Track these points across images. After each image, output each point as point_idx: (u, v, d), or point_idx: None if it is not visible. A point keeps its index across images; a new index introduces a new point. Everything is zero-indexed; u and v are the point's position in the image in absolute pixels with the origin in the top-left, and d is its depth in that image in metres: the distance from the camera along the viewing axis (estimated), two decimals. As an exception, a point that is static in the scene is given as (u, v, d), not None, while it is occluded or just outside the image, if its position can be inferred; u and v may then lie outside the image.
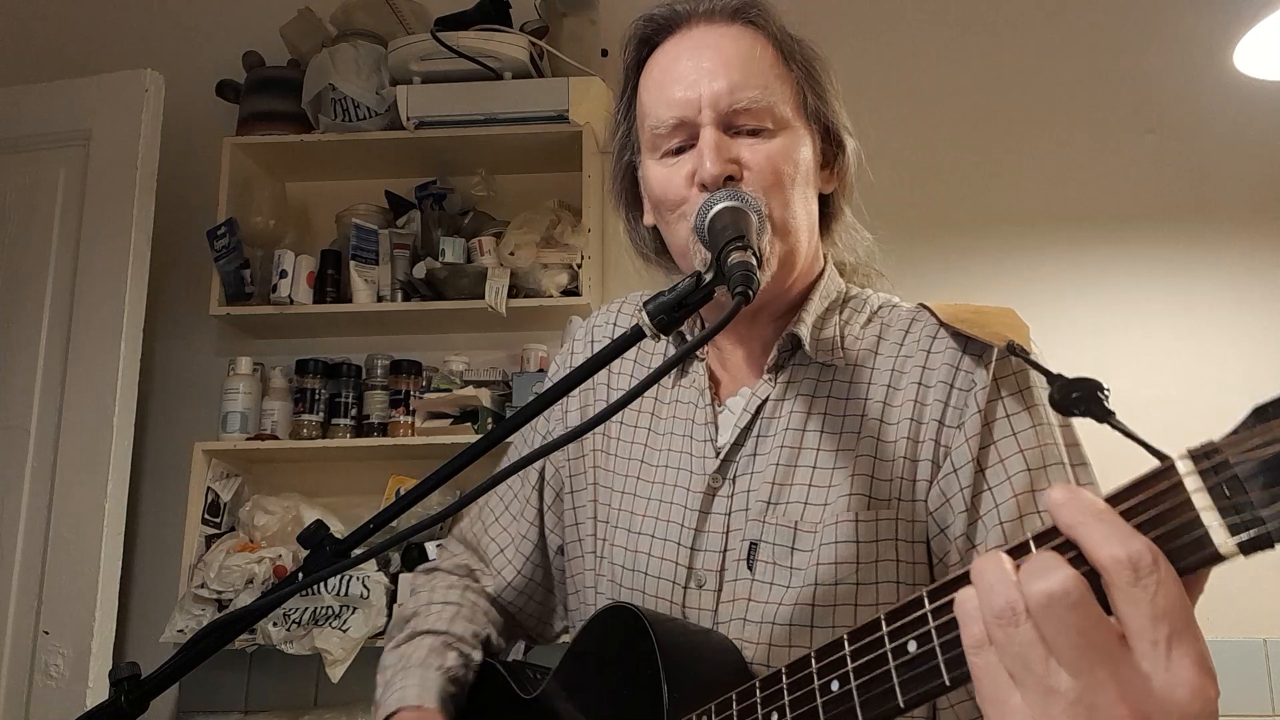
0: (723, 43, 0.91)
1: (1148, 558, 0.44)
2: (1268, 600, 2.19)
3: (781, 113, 0.91)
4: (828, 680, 0.59)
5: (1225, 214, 2.42)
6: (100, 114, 2.30)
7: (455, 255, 2.31)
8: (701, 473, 0.92)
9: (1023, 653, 0.46)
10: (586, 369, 0.77)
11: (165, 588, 2.33)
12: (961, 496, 0.82)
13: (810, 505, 0.85)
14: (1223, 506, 0.43)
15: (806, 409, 0.90)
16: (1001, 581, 0.47)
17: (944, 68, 2.56)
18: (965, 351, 0.86)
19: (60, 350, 2.21)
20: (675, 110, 0.89)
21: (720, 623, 0.86)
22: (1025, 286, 2.43)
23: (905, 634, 0.54)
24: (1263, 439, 0.42)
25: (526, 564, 1.06)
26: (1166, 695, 0.44)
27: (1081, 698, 0.45)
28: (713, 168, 0.86)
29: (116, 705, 0.76)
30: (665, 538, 0.91)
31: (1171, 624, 0.44)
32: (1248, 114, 2.42)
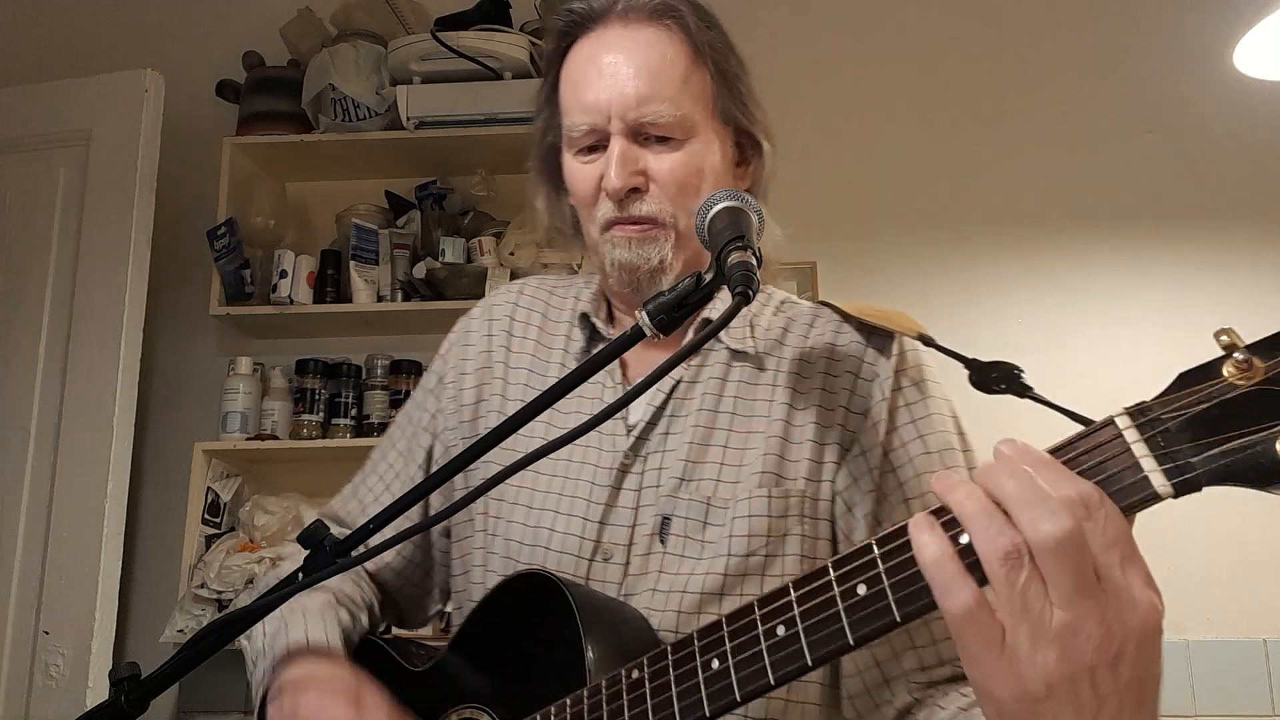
0: (635, 48, 0.92)
1: (1094, 495, 0.50)
2: (1268, 600, 2.20)
3: (690, 121, 0.93)
4: (773, 625, 0.62)
5: (1225, 214, 2.42)
6: (100, 114, 2.30)
7: (455, 255, 2.31)
8: (612, 450, 0.93)
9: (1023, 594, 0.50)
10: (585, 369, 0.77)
11: (165, 588, 2.34)
12: (870, 478, 0.88)
13: (722, 482, 0.89)
14: (1158, 455, 0.50)
15: (719, 392, 0.94)
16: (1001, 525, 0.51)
17: (944, 67, 2.56)
18: (869, 345, 0.92)
19: (60, 350, 2.21)
20: (587, 116, 0.92)
21: (629, 594, 0.88)
22: (1025, 286, 2.43)
23: (854, 578, 0.58)
24: (1189, 399, 0.50)
25: (408, 545, 1.04)
26: (1127, 611, 0.49)
27: (1069, 626, 0.49)
28: (616, 181, 0.90)
29: (116, 705, 0.76)
30: (570, 513, 0.92)
31: (1122, 550, 0.50)
32: (1248, 114, 2.42)
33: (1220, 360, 0.50)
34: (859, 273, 2.47)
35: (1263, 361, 0.48)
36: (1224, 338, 0.50)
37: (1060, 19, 2.56)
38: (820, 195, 2.50)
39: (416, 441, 1.06)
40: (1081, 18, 2.55)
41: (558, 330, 1.05)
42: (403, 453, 1.07)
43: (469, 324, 1.09)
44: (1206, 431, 0.49)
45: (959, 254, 2.46)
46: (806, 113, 2.56)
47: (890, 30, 2.60)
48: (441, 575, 1.07)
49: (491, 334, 1.06)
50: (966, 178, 2.51)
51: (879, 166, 2.53)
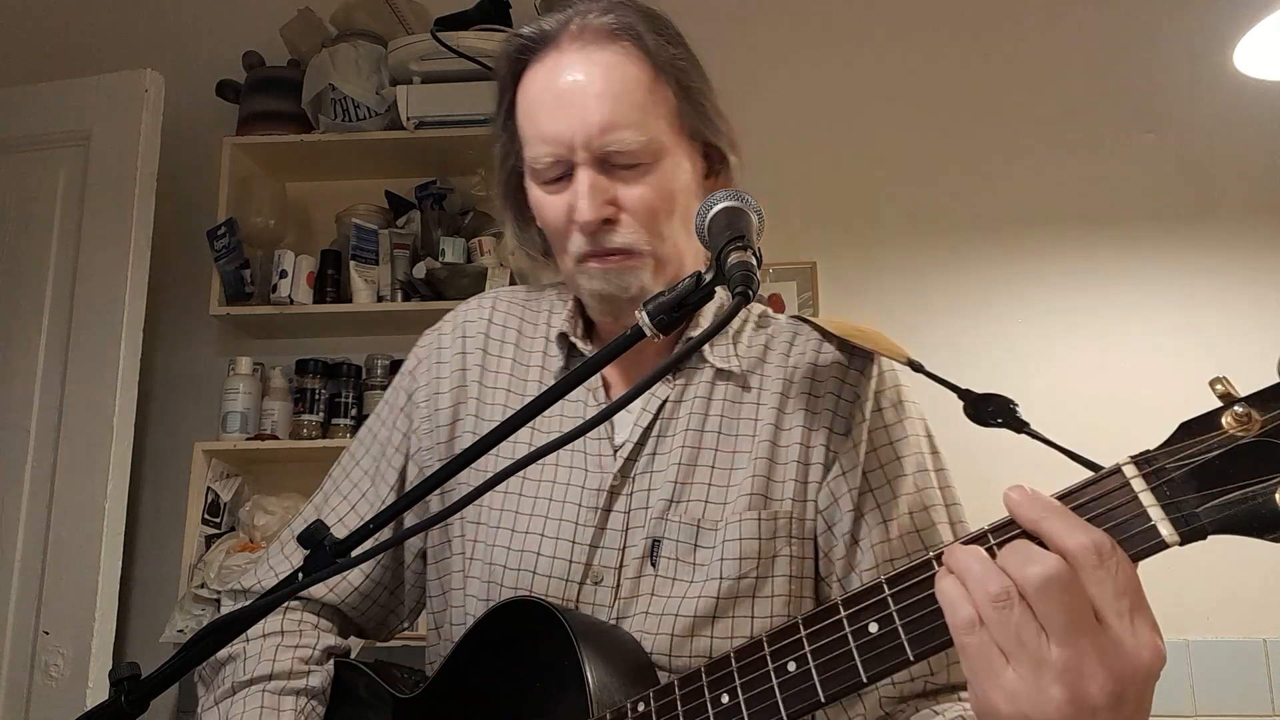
0: (594, 71, 0.89)
1: (1107, 544, 0.52)
2: (1268, 600, 2.20)
3: (657, 144, 0.90)
4: (784, 662, 0.63)
5: (1225, 214, 2.42)
6: (100, 114, 2.30)
7: (455, 255, 2.31)
8: (599, 471, 0.92)
9: (1017, 631, 0.52)
10: (585, 370, 0.77)
11: (165, 588, 2.34)
12: (849, 498, 0.88)
13: (710, 504, 0.89)
14: (1165, 504, 0.52)
15: (704, 411, 0.93)
16: (989, 570, 0.54)
17: (943, 68, 2.56)
18: (850, 365, 0.92)
19: (60, 350, 2.21)
20: (550, 147, 0.89)
21: (621, 618, 0.87)
22: (1025, 286, 2.43)
23: (865, 617, 0.60)
24: (1192, 449, 0.52)
25: (376, 568, 1.01)
26: (1135, 656, 0.52)
27: (1069, 665, 0.51)
28: (588, 214, 0.88)
29: (116, 705, 0.76)
30: (558, 536, 0.90)
31: (1132, 597, 0.52)
32: (1248, 114, 2.42)
33: (1219, 411, 0.52)
34: (859, 273, 2.47)
35: (1260, 415, 0.51)
36: (1219, 387, 0.52)
37: (1060, 19, 2.56)
38: (820, 195, 2.51)
39: (387, 462, 1.03)
40: (1081, 17, 2.55)
41: (534, 347, 1.02)
42: (369, 472, 1.03)
43: (439, 339, 1.06)
44: (1210, 482, 0.51)
45: (958, 254, 2.46)
46: (806, 113, 2.56)
47: (890, 30, 2.60)
48: (412, 596, 1.04)
49: (465, 350, 1.03)
50: (966, 178, 2.51)
51: (879, 166, 2.52)
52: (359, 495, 1.02)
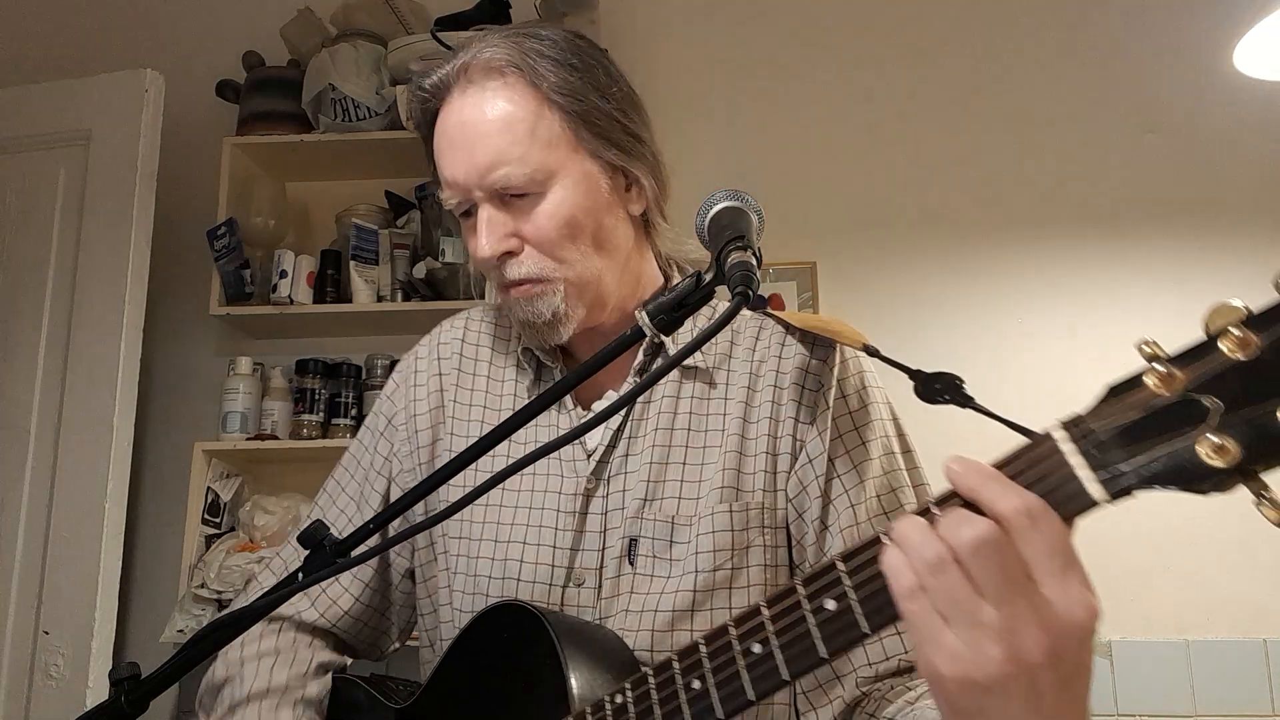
0: (477, 113, 0.91)
1: (1039, 506, 0.53)
2: (1268, 600, 2.20)
3: (546, 171, 0.91)
4: (748, 644, 0.65)
5: (1225, 214, 2.42)
6: (100, 114, 2.30)
7: (455, 255, 2.31)
8: (574, 475, 0.94)
9: (953, 594, 0.54)
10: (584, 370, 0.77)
11: (165, 588, 2.34)
12: (816, 484, 0.91)
13: (684, 500, 0.91)
14: (1094, 464, 0.53)
15: (673, 409, 0.95)
16: (927, 537, 0.55)
17: (944, 68, 2.56)
18: (813, 355, 0.94)
19: (60, 350, 2.21)
20: (451, 190, 0.93)
21: (604, 617, 0.89)
22: (1025, 286, 2.43)
23: (823, 594, 0.61)
24: (1118, 410, 0.53)
25: (365, 590, 1.03)
26: (1068, 613, 0.53)
27: (1005, 625, 0.53)
28: (486, 251, 0.91)
29: (116, 705, 0.76)
30: (539, 543, 0.92)
31: (1063, 556, 0.53)
32: (1248, 114, 2.42)
33: (1143, 373, 0.53)
34: (859, 273, 2.47)
35: (1181, 371, 0.52)
36: (1146, 349, 0.54)
37: (1060, 19, 2.56)
38: (820, 195, 2.51)
39: (370, 486, 1.05)
40: (1082, 18, 2.55)
41: (508, 363, 1.04)
42: (354, 497, 1.06)
43: (415, 363, 1.08)
44: (1134, 439, 0.52)
45: (959, 254, 2.46)
46: (806, 113, 2.56)
47: (890, 31, 2.60)
48: (402, 616, 1.06)
49: (441, 373, 1.05)
50: (966, 178, 2.51)
51: (879, 166, 2.53)
52: (345, 520, 1.05)
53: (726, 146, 2.51)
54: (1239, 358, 0.51)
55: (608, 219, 0.95)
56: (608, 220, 0.95)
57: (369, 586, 1.04)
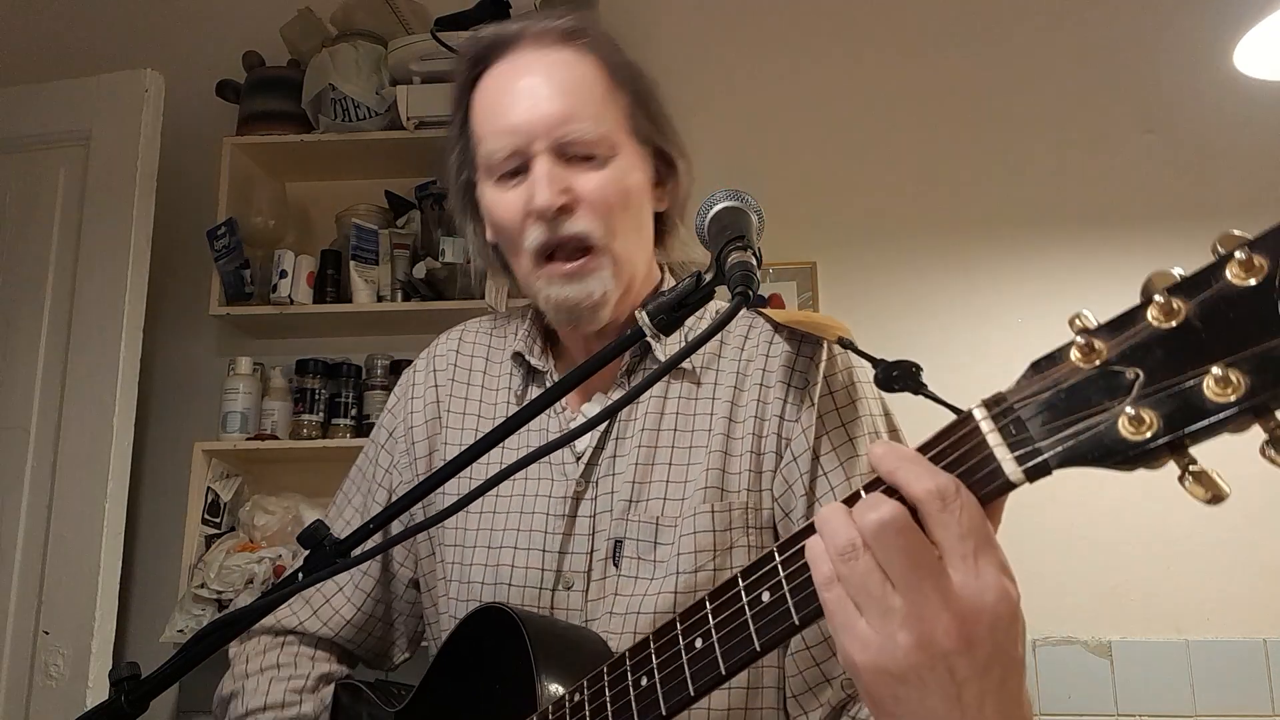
0: (553, 68, 0.92)
1: (951, 487, 0.52)
2: (1268, 600, 2.20)
3: (613, 140, 0.92)
4: (692, 639, 0.64)
5: (1225, 214, 2.42)
6: (100, 114, 2.30)
7: (455, 255, 2.31)
8: (564, 478, 0.94)
9: (863, 581, 0.53)
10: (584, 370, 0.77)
11: (165, 588, 2.34)
12: (801, 482, 0.89)
13: (669, 500, 0.90)
14: (1011, 442, 0.51)
15: (660, 410, 0.94)
16: (842, 523, 0.54)
17: (944, 68, 2.56)
18: (799, 353, 0.93)
19: (60, 350, 2.21)
20: (508, 139, 0.91)
21: (589, 619, 0.89)
22: (1026, 286, 2.43)
23: (759, 586, 0.60)
24: (1039, 386, 0.51)
25: (367, 600, 1.05)
26: (978, 598, 0.51)
27: (912, 611, 0.51)
28: (546, 199, 0.88)
29: (116, 705, 0.76)
30: (529, 546, 0.93)
31: (976, 540, 0.52)
32: (1248, 114, 2.42)
33: (1067, 346, 0.51)
34: (859, 273, 2.47)
35: (1104, 343, 0.50)
36: (1077, 322, 0.52)
37: (1060, 19, 2.56)
38: (820, 195, 2.51)
39: (372, 497, 1.06)
40: (1081, 18, 2.55)
41: (501, 371, 1.05)
42: (359, 509, 1.07)
43: (414, 376, 1.09)
44: (1054, 415, 0.50)
45: (959, 254, 2.46)
46: (807, 113, 2.56)
47: (890, 30, 2.60)
48: (409, 625, 1.07)
49: (437, 384, 1.06)
50: (966, 178, 2.51)
51: (879, 167, 2.52)
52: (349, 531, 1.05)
53: (726, 146, 2.51)
54: (1164, 326, 0.49)
55: (646, 208, 0.97)
56: (646, 210, 0.97)
57: (370, 596, 1.05)
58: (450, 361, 1.07)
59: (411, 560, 1.05)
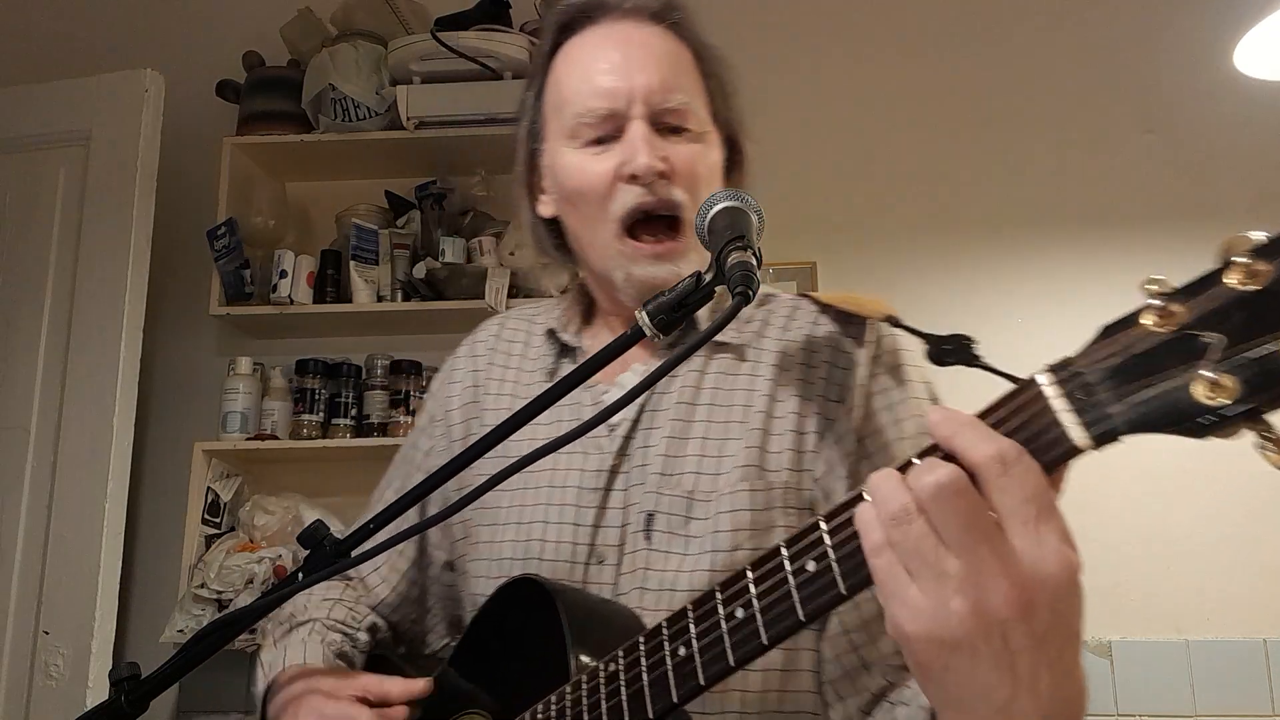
0: (649, 40, 0.93)
1: (1012, 451, 0.50)
2: (1268, 600, 2.20)
3: (700, 116, 0.94)
4: (732, 609, 0.63)
5: (1225, 214, 2.42)
6: (100, 114, 2.30)
7: (455, 255, 2.31)
8: (598, 452, 0.93)
9: (917, 545, 0.51)
10: (585, 370, 0.77)
11: (165, 588, 2.34)
12: (845, 464, 0.87)
13: (703, 475, 0.88)
14: (1078, 407, 0.50)
15: (697, 384, 0.93)
16: (894, 488, 0.53)
17: (944, 68, 2.56)
18: (845, 334, 0.91)
19: (60, 350, 2.21)
20: (605, 101, 0.90)
21: (620, 594, 0.87)
22: (1025, 286, 2.43)
23: (804, 555, 0.59)
24: (1108, 350, 0.49)
25: (401, 581, 1.06)
26: (1039, 565, 0.50)
27: (968, 576, 0.50)
28: (648, 161, 0.88)
29: (116, 705, 0.76)
30: (560, 521, 0.91)
31: (1038, 505, 0.50)
32: (1248, 114, 2.42)
33: (1140, 310, 0.50)
34: (859, 273, 2.47)
35: (1182, 306, 0.49)
36: (1151, 286, 0.50)
37: (1060, 19, 2.56)
38: (820, 195, 2.51)
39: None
40: (1081, 18, 2.55)
41: (538, 353, 1.05)
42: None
43: (455, 361, 1.10)
44: (1125, 380, 0.48)
45: (959, 254, 2.46)
46: (807, 113, 2.56)
47: (890, 30, 2.60)
48: (447, 610, 1.07)
49: (476, 369, 1.07)
50: (966, 178, 2.51)
51: (879, 166, 2.53)
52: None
53: (726, 146, 2.51)
54: (1247, 289, 0.47)
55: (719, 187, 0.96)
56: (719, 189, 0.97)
57: (404, 576, 1.06)
58: (490, 346, 1.08)
59: (446, 543, 1.05)
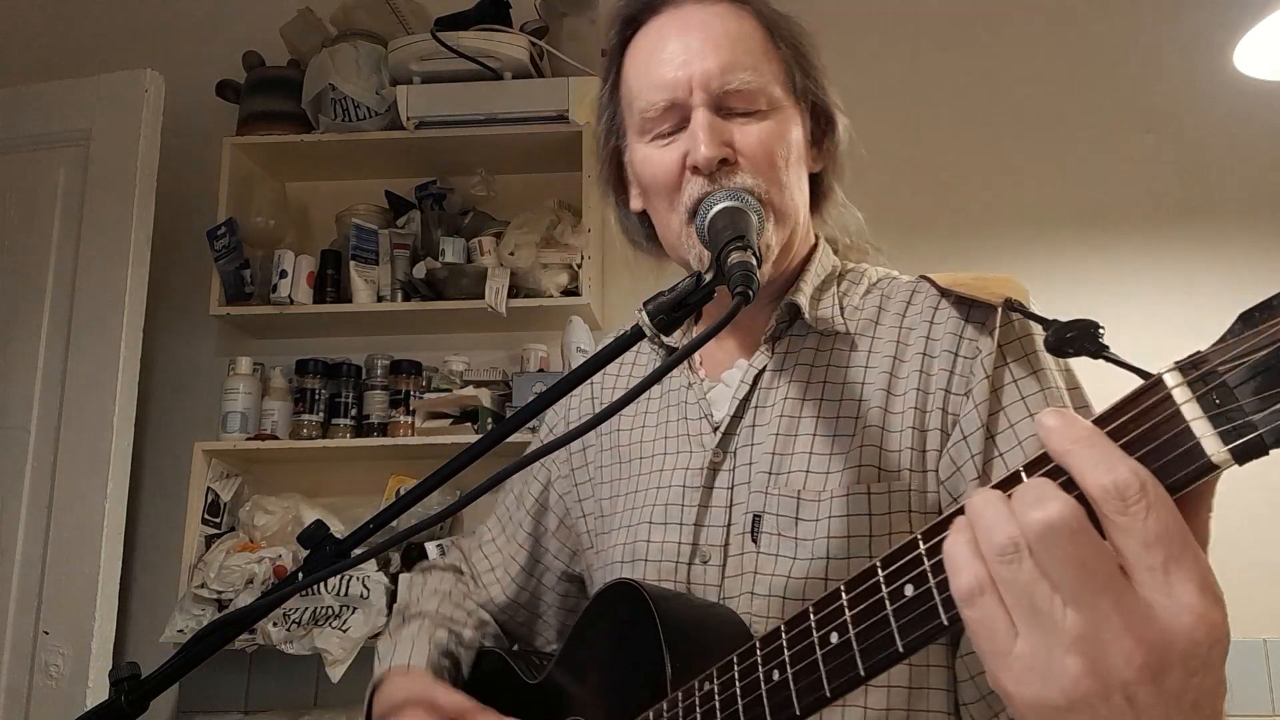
0: (711, 21, 0.89)
1: (1134, 483, 0.42)
2: (1268, 600, 2.19)
3: (772, 92, 0.89)
4: (826, 632, 0.57)
5: (1225, 214, 2.42)
6: (100, 114, 2.30)
7: (455, 255, 2.31)
8: (701, 450, 0.91)
9: (1028, 590, 0.44)
10: (586, 369, 0.77)
11: (165, 588, 2.34)
12: (973, 464, 0.80)
13: (812, 474, 0.83)
14: (1213, 415, 0.42)
15: (806, 378, 0.89)
16: (1000, 518, 0.45)
17: (944, 68, 2.56)
18: (969, 320, 0.85)
19: (60, 350, 2.21)
20: (665, 92, 0.88)
21: (728, 597, 0.84)
22: (1026, 286, 2.43)
23: (901, 577, 0.52)
24: (1250, 344, 0.41)
25: (512, 584, 1.07)
26: (1171, 622, 0.42)
27: (1086, 633, 0.43)
28: (707, 150, 0.84)
29: (116, 705, 0.76)
30: (665, 520, 0.89)
31: (1167, 549, 0.42)
32: (1248, 114, 2.42)
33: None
34: (859, 273, 2.47)
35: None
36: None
37: (1060, 19, 2.56)
38: (820, 195, 2.50)
39: (528, 487, 1.08)
40: (1081, 18, 2.55)
41: (646, 360, 1.06)
42: (516, 495, 1.10)
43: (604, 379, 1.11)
44: (1273, 381, 0.40)
45: (958, 254, 2.46)
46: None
47: (890, 32, 2.60)
48: (559, 618, 1.08)
49: (592, 379, 1.06)
50: (966, 178, 2.51)
51: (879, 167, 2.51)
52: (507, 517, 1.11)
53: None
54: None
55: (803, 166, 0.93)
56: (803, 167, 0.93)
57: (515, 580, 1.07)
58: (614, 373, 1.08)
59: (566, 553, 1.05)
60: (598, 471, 1.02)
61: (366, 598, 2.10)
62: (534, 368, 2.33)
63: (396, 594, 2.14)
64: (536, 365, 2.33)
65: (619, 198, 1.01)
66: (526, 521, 1.07)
